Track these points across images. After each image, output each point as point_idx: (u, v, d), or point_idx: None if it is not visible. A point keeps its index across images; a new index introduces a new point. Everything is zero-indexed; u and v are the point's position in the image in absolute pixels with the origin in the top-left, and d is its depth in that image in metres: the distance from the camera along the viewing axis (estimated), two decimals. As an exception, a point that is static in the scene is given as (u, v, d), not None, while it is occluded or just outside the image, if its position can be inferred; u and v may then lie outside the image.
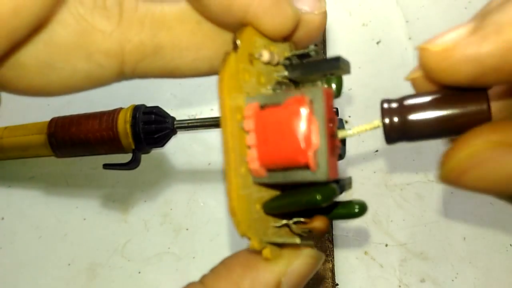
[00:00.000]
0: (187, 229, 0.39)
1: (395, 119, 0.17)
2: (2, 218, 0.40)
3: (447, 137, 0.17)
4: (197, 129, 0.38)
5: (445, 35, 0.15)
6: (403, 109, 0.17)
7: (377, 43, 0.43)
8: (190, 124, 0.38)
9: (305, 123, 0.16)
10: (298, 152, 0.16)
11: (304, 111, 0.16)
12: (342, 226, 0.37)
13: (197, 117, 0.41)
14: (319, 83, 0.18)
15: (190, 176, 0.41)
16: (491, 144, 0.15)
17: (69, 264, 0.38)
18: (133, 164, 0.39)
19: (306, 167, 0.16)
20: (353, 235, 0.37)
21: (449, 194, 0.38)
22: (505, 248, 0.37)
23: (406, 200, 0.38)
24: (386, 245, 0.37)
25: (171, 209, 0.39)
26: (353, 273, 0.36)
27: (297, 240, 0.18)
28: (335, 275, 0.35)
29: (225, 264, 0.19)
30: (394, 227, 0.37)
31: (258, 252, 0.18)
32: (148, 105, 0.39)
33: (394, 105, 0.17)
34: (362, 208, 0.18)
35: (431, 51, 0.15)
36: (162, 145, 0.39)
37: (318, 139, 0.16)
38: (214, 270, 0.19)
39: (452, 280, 0.35)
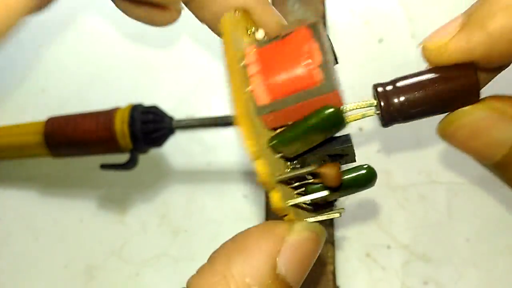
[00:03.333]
0: (185, 231, 0.38)
1: (392, 100, 0.18)
2: (-2, 219, 0.40)
3: (440, 113, 0.18)
4: (196, 129, 0.38)
5: (440, 32, 0.18)
6: (397, 90, 0.18)
7: (379, 41, 0.43)
8: (188, 124, 0.38)
9: (308, 44, 0.17)
10: (302, 66, 0.16)
11: (305, 33, 0.17)
12: (344, 228, 0.37)
13: (195, 117, 0.40)
14: None
15: (189, 177, 0.40)
16: (493, 110, 0.17)
17: (65, 266, 0.38)
18: (130, 164, 0.38)
19: (311, 85, 0.16)
20: (354, 237, 0.37)
21: (452, 195, 0.37)
22: (509, 250, 0.36)
23: (408, 201, 0.38)
24: (389, 247, 0.36)
25: (169, 210, 0.39)
26: (355, 276, 0.36)
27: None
28: (336, 277, 0.34)
29: (209, 258, 0.17)
30: (396, 228, 0.37)
31: (249, 233, 0.16)
32: (146, 104, 0.38)
33: (388, 87, 0.18)
34: (370, 170, 0.18)
35: (430, 48, 0.18)
36: (160, 145, 0.38)
37: (320, 56, 0.16)
38: (198, 269, 0.17)
39: (456, 283, 0.35)
